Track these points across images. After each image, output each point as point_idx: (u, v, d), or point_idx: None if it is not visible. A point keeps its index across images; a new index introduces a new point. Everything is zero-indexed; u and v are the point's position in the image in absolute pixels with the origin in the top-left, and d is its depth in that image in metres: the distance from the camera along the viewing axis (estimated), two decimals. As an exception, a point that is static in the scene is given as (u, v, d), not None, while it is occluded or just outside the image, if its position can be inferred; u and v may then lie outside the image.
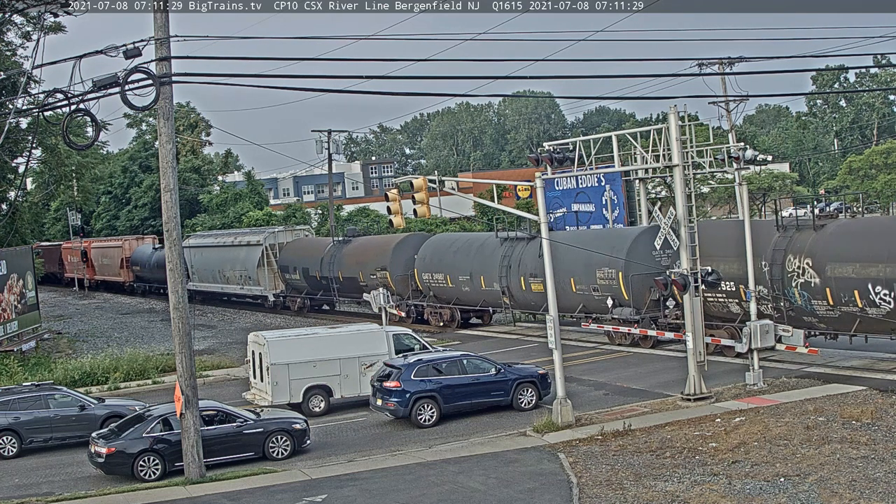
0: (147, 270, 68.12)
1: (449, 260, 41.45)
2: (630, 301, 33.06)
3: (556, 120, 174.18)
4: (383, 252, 44.87)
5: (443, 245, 42.78)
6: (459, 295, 41.25)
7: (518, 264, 37.81)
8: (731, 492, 16.70)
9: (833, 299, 26.74)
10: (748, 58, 45.59)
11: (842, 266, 26.33)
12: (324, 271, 48.88)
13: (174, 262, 20.70)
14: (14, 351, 37.78)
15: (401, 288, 43.52)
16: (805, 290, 27.56)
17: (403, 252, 43.99)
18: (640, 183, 35.84)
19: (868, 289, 25.75)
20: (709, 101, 60.83)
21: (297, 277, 51.76)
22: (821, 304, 27.33)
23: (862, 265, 25.94)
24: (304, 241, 54.55)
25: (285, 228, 56.20)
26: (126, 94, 18.80)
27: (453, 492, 18.09)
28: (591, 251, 33.05)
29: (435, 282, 42.23)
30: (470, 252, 40.72)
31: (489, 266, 39.18)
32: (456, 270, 40.85)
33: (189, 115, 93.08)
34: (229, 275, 56.59)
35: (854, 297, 26.17)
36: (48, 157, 47.68)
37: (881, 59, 71.26)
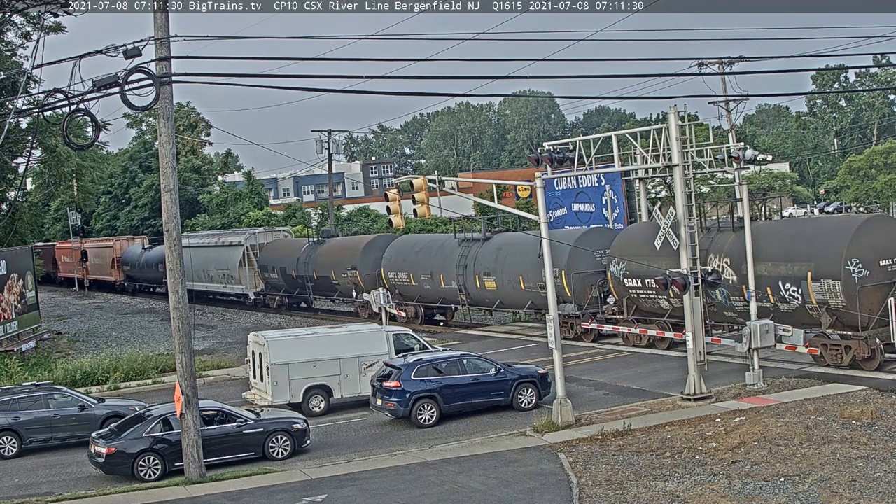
0: (137, 270, 70.37)
1: (412, 260, 43.80)
2: (572, 297, 35.40)
3: (556, 120, 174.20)
4: (353, 252, 47.34)
5: (407, 246, 45.21)
6: (422, 293, 43.45)
7: (473, 264, 40.19)
8: (731, 492, 16.70)
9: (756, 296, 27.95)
10: (748, 58, 45.65)
11: (756, 265, 27.70)
12: (300, 270, 51.22)
13: (174, 262, 20.71)
14: (14, 351, 37.78)
15: (369, 286, 44.90)
16: (724, 288, 29.27)
17: (372, 252, 46.37)
18: (640, 183, 35.84)
19: (779, 286, 27.86)
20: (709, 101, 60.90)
21: (276, 276, 54.08)
22: (738, 301, 29.12)
23: (773, 264, 27.92)
24: (283, 241, 56.59)
25: (265, 230, 58.48)
26: (126, 94, 18.79)
27: (453, 492, 18.09)
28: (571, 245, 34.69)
29: (400, 280, 44.47)
30: (431, 252, 43.04)
31: (448, 265, 41.41)
32: (418, 269, 43.14)
33: (189, 115, 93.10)
34: (213, 274, 58.25)
35: (767, 293, 28.07)
36: (48, 157, 47.68)
37: (881, 59, 71.31)
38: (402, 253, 44.97)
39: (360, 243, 47.89)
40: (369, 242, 47.27)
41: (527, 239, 37.49)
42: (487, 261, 39.46)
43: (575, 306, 35.41)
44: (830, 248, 26.63)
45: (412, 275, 43.63)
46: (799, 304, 27.57)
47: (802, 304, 27.50)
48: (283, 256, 53.88)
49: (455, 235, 42.67)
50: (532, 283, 36.69)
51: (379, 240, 47.50)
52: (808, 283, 27.11)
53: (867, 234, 26.91)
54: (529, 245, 36.39)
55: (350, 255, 47.52)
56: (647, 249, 30.45)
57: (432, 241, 44.61)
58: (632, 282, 33.10)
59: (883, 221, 29.88)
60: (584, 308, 35.30)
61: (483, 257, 39.83)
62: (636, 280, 32.89)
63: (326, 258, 49.54)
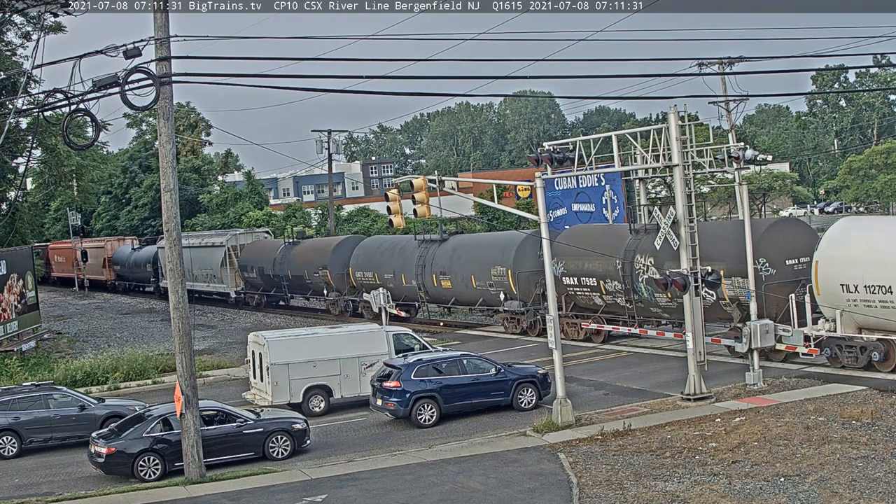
0: (127, 269, 73.14)
1: (377, 260, 46.21)
2: (518, 295, 37.88)
3: (556, 120, 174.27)
4: (324, 253, 49.72)
5: (373, 246, 47.71)
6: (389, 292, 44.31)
7: (431, 263, 42.39)
8: (731, 492, 16.70)
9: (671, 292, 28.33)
10: (748, 58, 45.62)
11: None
12: (276, 270, 53.70)
13: (174, 263, 20.73)
14: (14, 351, 37.78)
15: (339, 285, 48.63)
16: (649, 285, 31.23)
17: (341, 253, 48.64)
18: (640, 183, 35.79)
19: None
20: (709, 101, 60.90)
21: (255, 276, 56.66)
22: (661, 297, 31.14)
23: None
24: (262, 242, 58.86)
25: (246, 231, 61.00)
26: (126, 94, 18.79)
27: (453, 492, 18.09)
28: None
29: (366, 279, 46.62)
30: (394, 253, 45.30)
31: (408, 265, 43.70)
32: (382, 269, 45.42)
33: (189, 115, 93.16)
34: (197, 273, 60.22)
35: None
36: (48, 157, 47.68)
37: (881, 59, 71.31)
38: (368, 253, 47.18)
39: (331, 244, 50.30)
40: (339, 243, 49.66)
41: (476, 240, 41.44)
42: (443, 261, 41.70)
43: (521, 303, 37.93)
44: (738, 249, 27.87)
45: (377, 274, 45.64)
46: (714, 300, 29.41)
47: (717, 300, 29.44)
48: (261, 257, 56.18)
49: (415, 237, 44.84)
50: (482, 282, 39.17)
51: (348, 241, 49.99)
52: (720, 280, 28.38)
53: (774, 236, 28.99)
54: (480, 246, 40.10)
55: (321, 256, 49.79)
56: (583, 250, 33.58)
57: (395, 242, 46.59)
58: (570, 280, 35.31)
59: (790, 224, 31.62)
60: (528, 304, 37.56)
61: (439, 258, 42.01)
62: (573, 278, 35.18)
63: (300, 258, 51.81)
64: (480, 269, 39.36)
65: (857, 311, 26.23)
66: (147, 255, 69.52)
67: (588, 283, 34.32)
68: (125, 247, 75.32)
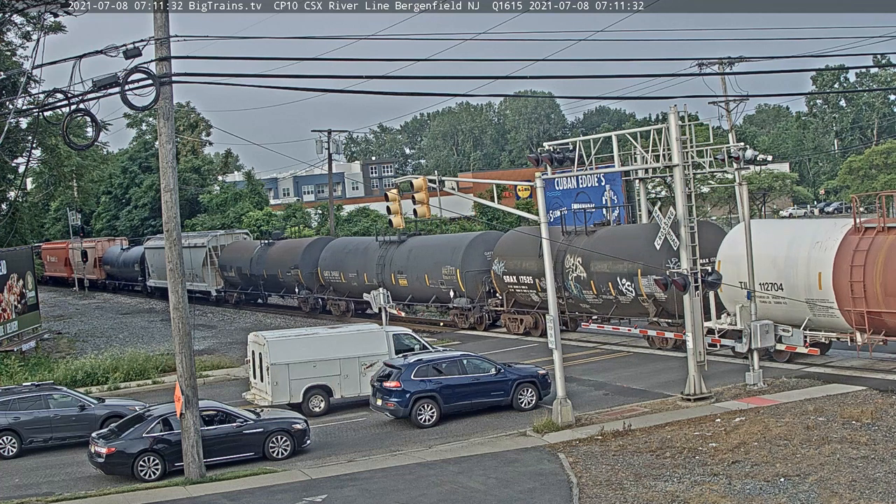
0: (116, 268, 76.42)
1: (343, 260, 48.98)
2: (465, 292, 40.47)
3: (556, 120, 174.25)
4: (296, 253, 52.41)
5: (340, 247, 50.53)
6: (350, 289, 48.18)
7: (390, 263, 45.04)
8: (731, 492, 16.70)
9: (596, 289, 34.11)
10: (748, 58, 45.56)
11: (600, 263, 33.46)
12: (253, 270, 56.51)
13: (174, 263, 20.71)
14: (14, 351, 37.76)
15: (309, 283, 51.43)
16: (577, 283, 34.87)
17: (311, 253, 51.30)
18: (640, 183, 35.84)
19: (618, 281, 33.01)
20: (709, 101, 60.81)
21: (234, 275, 59.58)
22: (589, 294, 34.61)
23: (612, 263, 32.91)
24: (240, 243, 61.73)
25: (226, 232, 63.80)
26: (126, 94, 18.79)
27: (453, 492, 18.09)
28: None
29: (333, 278, 49.64)
30: (357, 253, 48.10)
31: (370, 265, 46.40)
32: (347, 269, 48.31)
33: (189, 115, 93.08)
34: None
35: (609, 287, 33.49)
36: (48, 157, 47.67)
37: (881, 59, 71.22)
38: (335, 254, 49.95)
39: (302, 245, 53.04)
40: (309, 244, 52.34)
41: (430, 241, 44.82)
42: (401, 261, 44.39)
43: (468, 300, 40.65)
44: (652, 249, 29.28)
45: (342, 273, 48.59)
46: (633, 296, 32.63)
47: (636, 297, 32.53)
48: (239, 257, 58.87)
49: (377, 238, 47.71)
50: (434, 281, 41.92)
51: (318, 242, 52.79)
52: (638, 279, 32.04)
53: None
54: (432, 248, 43.12)
55: (293, 256, 52.46)
56: (523, 251, 36.85)
57: (359, 243, 49.87)
58: (510, 278, 38.08)
59: (704, 226, 32.29)
60: (475, 301, 40.39)
61: (397, 258, 44.72)
62: (513, 277, 37.87)
63: (274, 258, 54.63)
64: (433, 269, 41.86)
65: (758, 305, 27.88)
66: (135, 255, 72.28)
67: (526, 281, 37.17)
68: (115, 247, 78.60)
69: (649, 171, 29.52)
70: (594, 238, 34.65)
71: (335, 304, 50.10)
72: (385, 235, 46.90)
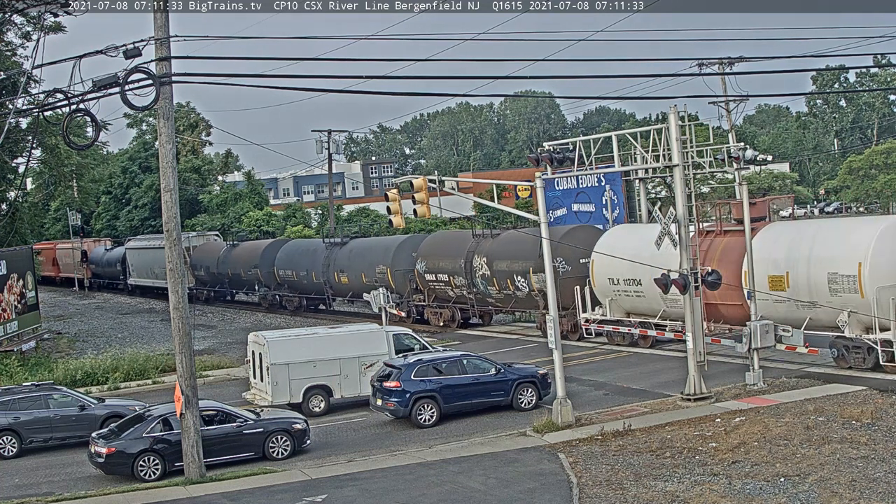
0: (100, 268, 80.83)
1: (296, 260, 53.35)
2: (395, 289, 43.51)
3: (556, 120, 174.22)
4: (255, 254, 56.93)
5: (293, 248, 55.19)
6: (302, 287, 53.03)
7: (334, 263, 49.23)
8: (731, 492, 16.70)
9: (498, 286, 38.68)
10: (748, 58, 45.62)
11: (501, 262, 38.21)
12: (219, 269, 60.88)
13: (174, 263, 20.73)
14: (14, 351, 37.73)
15: (267, 281, 55.97)
16: (483, 280, 39.39)
17: (269, 253, 55.65)
18: (640, 183, 35.87)
19: (514, 278, 37.46)
20: (709, 101, 60.87)
21: (203, 274, 63.74)
22: (493, 289, 39.19)
23: (510, 262, 37.67)
24: (210, 244, 65.96)
25: (198, 234, 68.27)
26: (126, 94, 18.79)
27: (453, 492, 18.09)
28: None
29: (287, 276, 53.98)
30: (308, 254, 52.36)
31: (318, 264, 50.57)
32: (299, 268, 52.58)
33: (189, 115, 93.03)
34: (157, 272, 65.46)
35: (507, 283, 37.99)
36: (48, 157, 47.67)
37: (881, 59, 71.22)
38: (289, 254, 54.32)
39: (261, 246, 57.38)
40: (268, 246, 56.84)
41: (367, 243, 49.30)
42: (343, 260, 48.61)
43: (398, 296, 43.43)
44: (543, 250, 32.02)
45: (295, 272, 53.05)
46: (527, 291, 37.16)
47: (529, 292, 37.04)
48: (208, 257, 63.11)
49: (323, 240, 52.32)
50: (370, 278, 45.47)
51: (275, 243, 57.32)
52: (531, 276, 36.43)
53: (569, 239, 35.26)
54: (368, 249, 47.70)
55: (254, 257, 56.87)
56: (440, 252, 41.83)
57: (309, 244, 54.46)
58: (430, 276, 42.40)
59: (583, 229, 37.91)
60: (403, 297, 43.88)
61: (340, 258, 48.91)
62: (433, 275, 42.17)
63: (238, 258, 59.17)
64: (369, 268, 46.16)
65: (621, 299, 33.51)
66: (117, 255, 76.35)
67: (442, 278, 41.62)
68: (99, 248, 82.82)
69: (649, 171, 29.56)
70: (497, 240, 39.44)
71: (289, 300, 54.72)
72: (331, 238, 52.04)
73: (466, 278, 40.05)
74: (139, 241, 72.89)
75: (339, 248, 49.50)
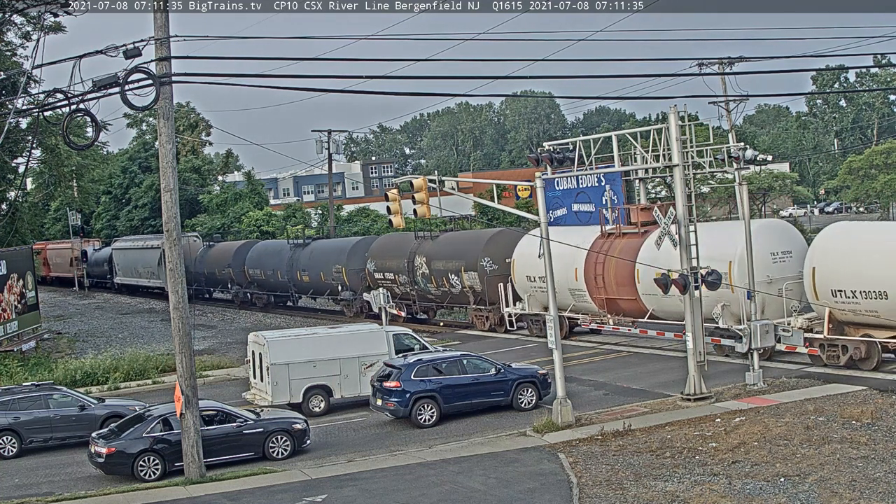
0: (89, 267, 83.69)
1: (264, 260, 57.18)
2: (349, 286, 48.01)
3: (556, 120, 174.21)
4: (228, 254, 60.81)
5: (262, 249, 58.88)
6: (269, 285, 57.07)
7: (297, 262, 52.77)
8: (731, 492, 16.70)
9: (436, 283, 42.13)
10: (748, 58, 45.59)
11: (438, 262, 41.84)
12: (196, 268, 63.54)
13: (174, 263, 20.73)
14: (14, 351, 37.75)
15: (239, 279, 59.57)
16: (423, 278, 42.84)
17: (241, 254, 59.43)
18: (640, 183, 35.86)
19: (449, 276, 41.04)
20: (709, 101, 60.86)
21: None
22: (431, 286, 42.63)
23: (445, 262, 41.42)
24: (189, 244, 66.28)
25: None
26: (126, 94, 18.79)
27: (453, 492, 18.09)
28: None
29: (256, 275, 57.95)
30: (274, 254, 56.16)
31: (282, 264, 54.28)
32: (267, 267, 56.45)
33: (189, 115, 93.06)
34: (141, 271, 70.72)
35: (444, 281, 41.48)
36: (48, 157, 47.68)
37: (881, 59, 71.16)
38: (259, 255, 57.97)
39: (233, 247, 61.35)
40: (240, 247, 60.58)
41: (326, 244, 53.02)
42: (305, 260, 52.05)
43: (351, 292, 48.06)
44: (472, 250, 39.97)
45: (263, 271, 56.91)
46: (460, 288, 40.35)
47: (462, 289, 40.21)
48: (187, 257, 68.47)
49: (288, 242, 56.05)
50: (328, 277, 49.55)
51: (247, 244, 61.02)
52: (462, 274, 39.97)
53: (496, 241, 39.52)
54: (326, 249, 51.35)
55: (227, 256, 60.51)
56: (388, 252, 45.94)
57: (276, 245, 58.09)
58: (379, 275, 45.92)
59: (507, 233, 41.19)
60: (357, 294, 47.43)
61: (302, 258, 52.38)
62: (381, 273, 45.80)
63: (213, 258, 63.04)
64: (326, 267, 49.72)
65: (536, 295, 36.74)
66: (105, 255, 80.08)
67: (389, 277, 45.20)
68: (88, 248, 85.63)
69: (649, 171, 29.53)
70: (436, 242, 43.10)
71: (259, 298, 58.87)
72: (295, 239, 55.74)
73: (409, 276, 43.66)
74: (124, 241, 76.48)
75: (302, 249, 52.92)
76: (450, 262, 40.94)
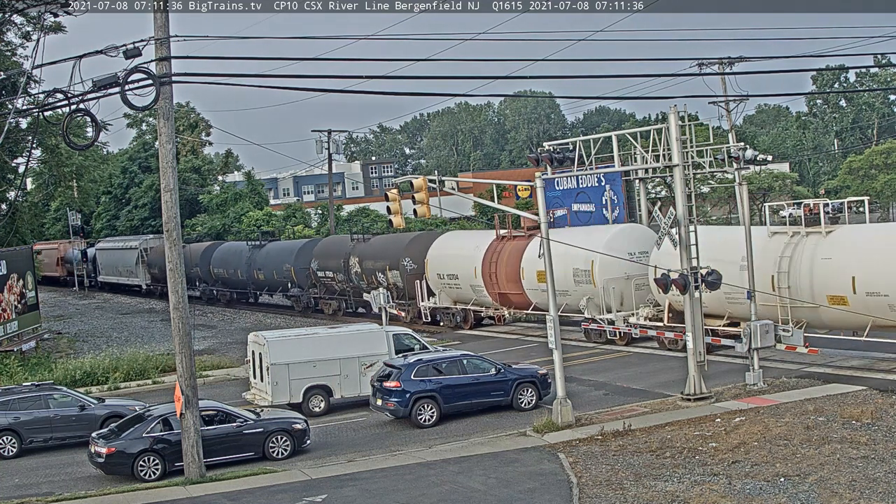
0: (74, 266, 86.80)
1: (227, 259, 61.11)
2: (298, 283, 52.55)
3: (556, 120, 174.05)
4: (196, 254, 64.07)
5: (226, 249, 62.77)
6: (231, 283, 61.31)
7: (254, 262, 56.98)
8: (731, 492, 16.70)
9: (367, 280, 45.87)
10: (748, 58, 45.54)
11: (368, 262, 46.14)
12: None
13: (174, 262, 20.77)
14: (14, 351, 37.74)
15: (206, 278, 63.84)
16: (356, 276, 46.88)
17: (207, 254, 63.51)
18: (640, 183, 35.91)
19: (377, 274, 45.14)
20: (709, 101, 60.83)
21: (157, 272, 68.39)
22: (363, 283, 46.18)
23: (374, 261, 45.74)
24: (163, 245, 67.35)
25: (155, 236, 72.76)
26: (126, 94, 18.79)
27: (453, 492, 18.09)
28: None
29: (221, 274, 62.02)
30: (236, 254, 60.20)
31: (242, 263, 58.53)
32: (230, 266, 60.47)
33: (189, 115, 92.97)
34: (121, 270, 75.28)
35: (373, 279, 45.26)
36: (48, 157, 47.67)
37: (881, 59, 71.22)
38: (223, 255, 61.97)
39: (201, 248, 65.27)
40: (206, 247, 64.88)
41: (279, 245, 56.94)
42: (261, 260, 56.43)
43: (299, 289, 52.40)
44: (395, 251, 44.53)
45: (226, 270, 61.04)
46: (385, 285, 43.14)
47: (387, 285, 43.06)
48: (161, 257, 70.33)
49: (247, 243, 59.92)
50: (280, 275, 53.88)
51: (212, 245, 65.13)
52: (387, 273, 44.24)
53: (415, 242, 44.07)
54: (278, 250, 55.48)
55: (195, 256, 63.44)
56: (329, 253, 49.66)
57: (238, 246, 61.90)
58: (321, 273, 50.10)
59: (427, 235, 45.81)
60: (304, 290, 51.88)
61: (259, 258, 56.63)
62: (323, 272, 49.93)
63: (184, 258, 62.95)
64: (278, 266, 54.05)
65: (447, 290, 41.93)
66: (89, 255, 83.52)
67: (329, 275, 49.37)
68: (74, 249, 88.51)
69: (649, 171, 29.48)
70: (368, 244, 47.17)
71: (223, 294, 62.97)
72: (252, 241, 59.80)
73: (345, 275, 47.78)
74: (106, 242, 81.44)
75: (259, 250, 57.24)
76: (377, 261, 45.24)
